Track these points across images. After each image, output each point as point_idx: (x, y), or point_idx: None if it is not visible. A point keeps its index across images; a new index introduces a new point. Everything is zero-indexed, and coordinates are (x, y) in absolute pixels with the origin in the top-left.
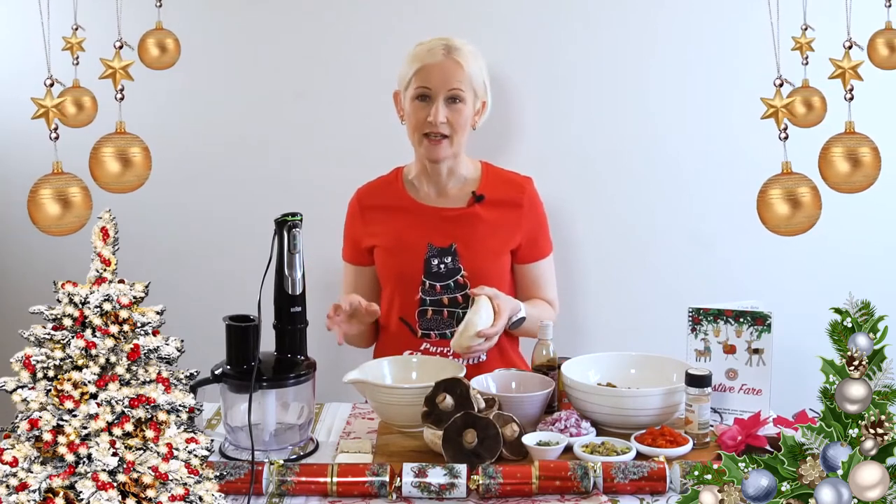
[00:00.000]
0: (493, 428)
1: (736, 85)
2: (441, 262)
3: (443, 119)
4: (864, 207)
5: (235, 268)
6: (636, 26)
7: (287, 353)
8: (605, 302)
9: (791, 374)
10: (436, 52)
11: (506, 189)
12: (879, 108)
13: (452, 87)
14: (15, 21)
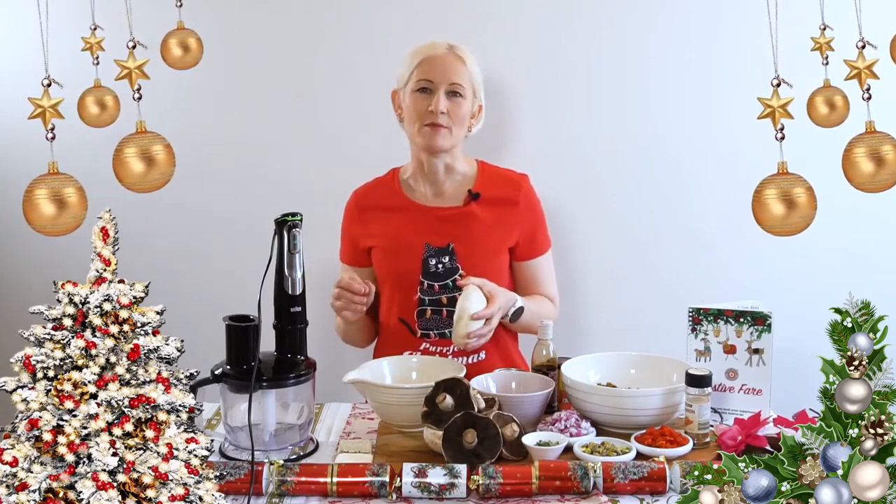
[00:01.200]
0: (493, 428)
1: (736, 85)
2: (439, 262)
3: (443, 109)
4: (865, 207)
5: (235, 268)
6: (636, 26)
7: (287, 353)
8: (605, 302)
9: (791, 374)
10: (438, 47)
11: (502, 186)
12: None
13: (453, 80)
14: (15, 20)
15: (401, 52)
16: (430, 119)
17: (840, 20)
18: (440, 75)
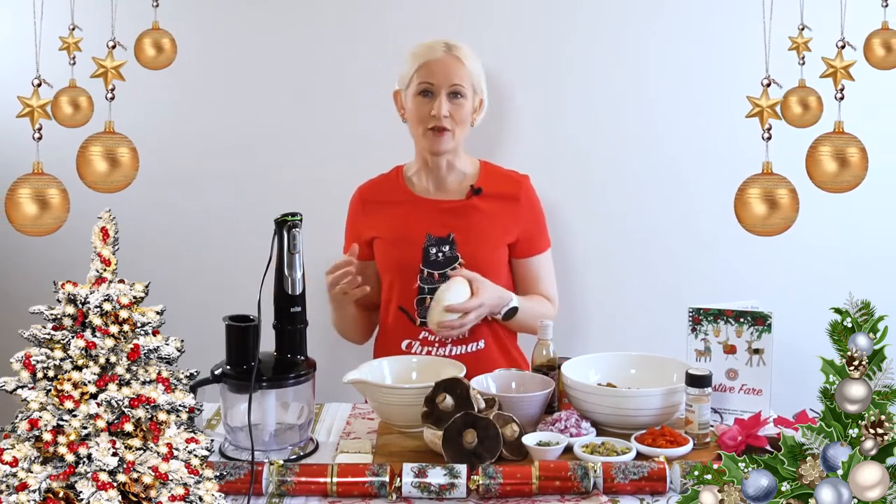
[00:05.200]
0: (493, 428)
1: (735, 84)
2: (439, 251)
3: (446, 113)
4: (864, 207)
5: (235, 268)
6: (636, 25)
7: (287, 353)
8: (605, 302)
9: (791, 374)
10: (436, 49)
11: (503, 184)
12: (876, 109)
13: (454, 82)
14: (7, 20)
15: (401, 52)
16: (433, 123)
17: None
18: (441, 78)
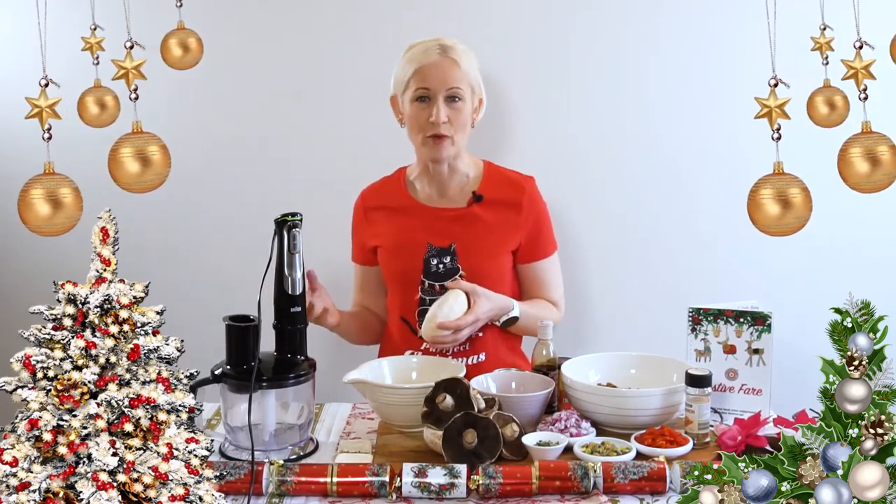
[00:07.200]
0: (493, 428)
1: (736, 84)
2: (440, 262)
3: (444, 119)
4: (864, 207)
5: (235, 268)
6: (636, 25)
7: (287, 353)
8: (605, 302)
9: (791, 374)
10: (431, 52)
11: (506, 189)
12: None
13: (451, 86)
14: (14, 20)
15: (401, 52)
16: (432, 130)
17: (838, 20)
18: (437, 83)
